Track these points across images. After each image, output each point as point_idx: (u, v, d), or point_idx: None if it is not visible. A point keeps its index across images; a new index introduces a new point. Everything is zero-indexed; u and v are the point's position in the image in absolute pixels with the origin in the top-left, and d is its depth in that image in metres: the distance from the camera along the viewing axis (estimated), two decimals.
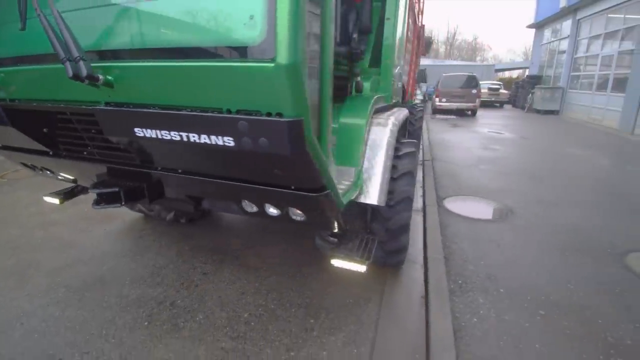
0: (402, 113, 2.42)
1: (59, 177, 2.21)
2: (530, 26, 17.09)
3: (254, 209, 1.52)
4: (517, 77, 23.39)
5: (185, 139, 1.08)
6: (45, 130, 1.62)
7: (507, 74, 31.43)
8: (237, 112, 0.99)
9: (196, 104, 1.04)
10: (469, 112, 14.62)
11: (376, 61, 2.39)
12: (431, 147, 7.68)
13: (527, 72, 21.60)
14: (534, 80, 16.26)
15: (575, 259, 2.82)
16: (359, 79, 1.94)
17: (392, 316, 2.12)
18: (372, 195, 1.81)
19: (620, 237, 3.23)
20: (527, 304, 2.25)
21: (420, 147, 6.45)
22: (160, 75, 1.05)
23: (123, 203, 1.63)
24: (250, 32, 0.89)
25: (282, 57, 0.85)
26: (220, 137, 1.02)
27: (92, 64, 1.09)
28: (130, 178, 1.64)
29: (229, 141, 1.01)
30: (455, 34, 46.89)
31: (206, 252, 2.85)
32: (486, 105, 18.79)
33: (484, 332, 1.98)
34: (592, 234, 3.29)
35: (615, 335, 2.00)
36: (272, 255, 2.81)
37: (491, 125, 11.80)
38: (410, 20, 4.21)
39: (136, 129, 1.16)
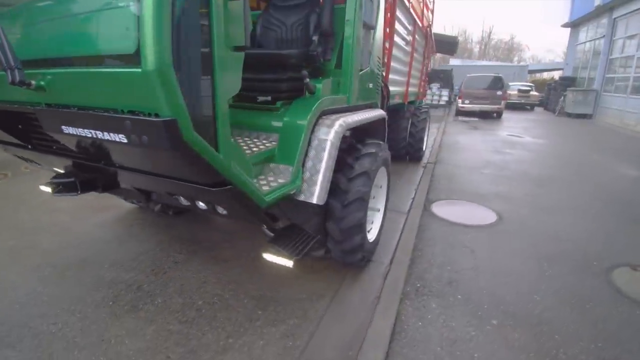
0: (364, 114, 2.45)
1: (47, 169, 2.45)
2: (565, 25, 16.17)
3: (187, 202, 1.64)
4: (552, 79, 22.15)
5: (95, 135, 1.21)
6: (19, 127, 1.82)
7: (545, 75, 29.86)
8: (128, 112, 1.10)
9: (99, 104, 1.17)
10: (495, 115, 14.08)
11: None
12: (440, 149, 7.52)
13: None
14: (567, 82, 15.37)
15: (553, 270, 2.72)
16: (307, 80, 2.00)
17: (339, 313, 2.17)
18: (312, 194, 1.87)
19: (613, 250, 3.06)
20: (481, 312, 2.21)
21: (424, 148, 6.35)
22: (70, 80, 1.19)
23: (79, 192, 1.81)
24: (127, 43, 1.00)
25: (147, 64, 0.96)
26: (116, 134, 1.14)
27: (26, 71, 1.25)
28: (87, 170, 1.81)
29: (122, 138, 1.13)
30: (490, 33, 44.99)
31: (184, 242, 3.02)
32: (516, 107, 18.04)
33: (424, 336, 1.99)
34: (583, 245, 3.14)
35: (569, 352, 1.93)
36: (245, 249, 2.93)
37: (514, 128, 11.33)
38: (405, 21, 4.18)
39: (63, 127, 1.30)
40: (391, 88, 3.96)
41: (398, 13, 3.70)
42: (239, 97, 2.31)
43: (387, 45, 3.52)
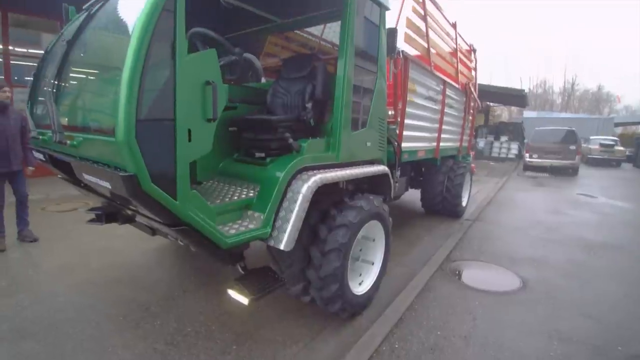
0: (351, 171, 2.62)
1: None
2: None
3: (172, 238, 2.00)
4: None
5: (98, 182, 1.66)
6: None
7: None
8: (114, 167, 1.52)
9: (101, 160, 1.62)
10: (570, 171, 12.78)
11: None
12: (488, 205, 7.09)
13: None
14: None
15: (562, 350, 2.41)
16: (290, 141, 2.32)
17: None
18: (280, 240, 2.09)
19: None
20: None
21: (463, 204, 6.07)
22: (86, 144, 1.68)
23: (103, 223, 2.31)
24: (110, 121, 1.44)
25: (118, 136, 1.37)
26: (106, 182, 1.56)
27: (65, 133, 1.80)
28: (111, 206, 2.32)
29: (108, 185, 1.54)
30: (573, 84, 41.76)
31: (199, 273, 3.40)
32: (599, 163, 16.13)
33: None
34: (613, 325, 2.72)
35: None
36: None
37: (589, 186, 10.12)
38: (429, 82, 4.40)
39: (84, 174, 1.80)
40: (409, 144, 4.09)
41: (416, 77, 3.94)
42: (243, 152, 2.75)
43: (400, 106, 3.75)
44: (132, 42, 1.41)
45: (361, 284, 2.86)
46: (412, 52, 4.05)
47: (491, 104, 23.37)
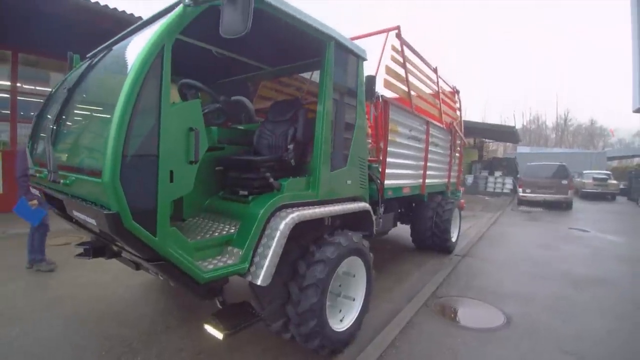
0: (329, 208, 2.74)
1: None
2: (636, 111, 14.96)
3: (153, 273, 2.09)
4: (638, 166, 19.81)
5: (85, 219, 1.79)
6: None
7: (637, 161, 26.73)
8: (100, 206, 1.66)
9: (90, 199, 1.76)
10: (564, 205, 12.90)
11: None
12: (479, 240, 7.13)
13: None
14: None
15: None
16: (270, 180, 2.48)
17: None
18: (258, 276, 2.17)
19: None
20: None
21: (452, 239, 6.10)
22: (76, 183, 1.83)
23: (90, 257, 2.40)
24: (98, 164, 1.60)
25: (104, 177, 1.52)
26: (92, 219, 1.69)
27: (60, 173, 1.96)
28: (99, 241, 2.43)
29: (94, 222, 1.67)
30: (566, 119, 43.02)
31: (182, 309, 3.42)
32: (595, 197, 16.32)
33: None
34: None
35: None
36: None
37: (582, 220, 10.20)
38: (411, 123, 4.65)
39: (74, 211, 1.93)
40: (393, 181, 4.25)
41: (396, 118, 4.18)
42: (228, 191, 2.90)
43: (381, 145, 3.96)
44: (126, 83, 1.58)
45: (342, 321, 2.88)
46: (393, 96, 4.34)
47: (486, 140, 24.04)
